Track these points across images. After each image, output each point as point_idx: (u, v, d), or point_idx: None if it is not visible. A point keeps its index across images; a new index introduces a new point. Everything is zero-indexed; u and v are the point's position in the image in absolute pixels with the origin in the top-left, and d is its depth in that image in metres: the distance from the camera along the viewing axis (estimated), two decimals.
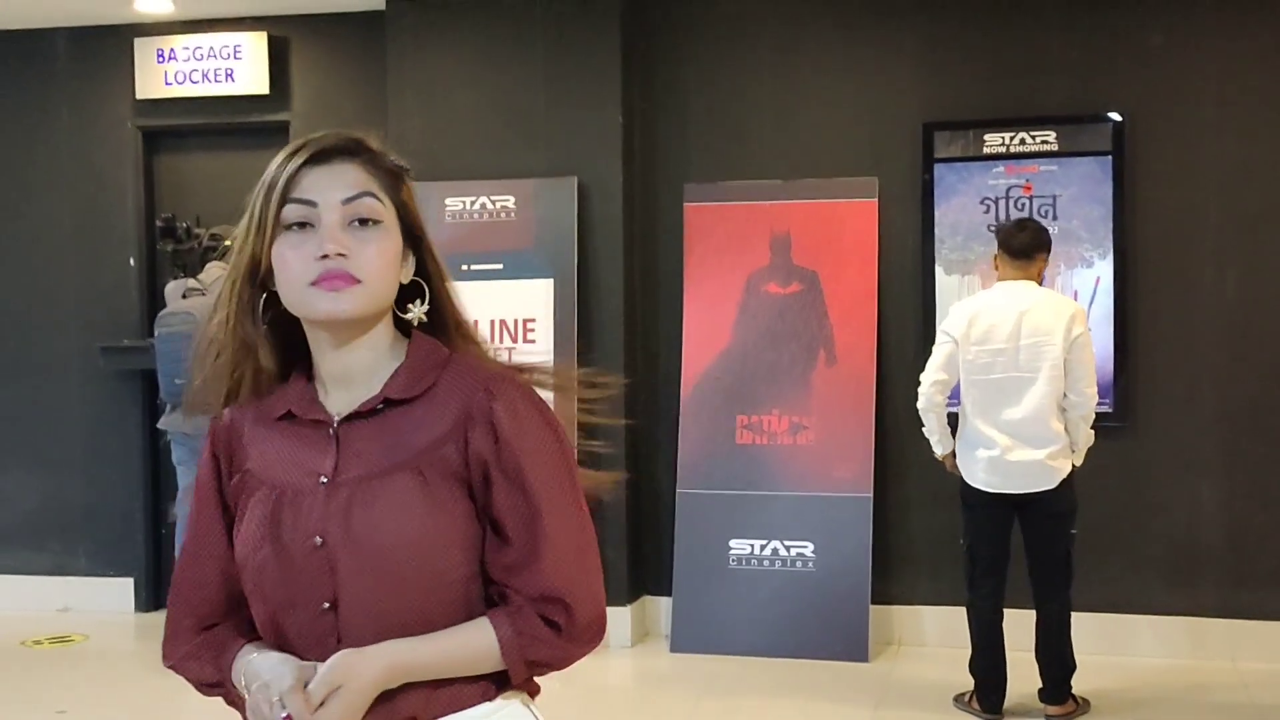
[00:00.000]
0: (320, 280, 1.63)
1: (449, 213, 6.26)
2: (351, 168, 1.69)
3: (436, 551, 1.64)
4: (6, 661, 6.20)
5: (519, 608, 1.66)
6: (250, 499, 1.70)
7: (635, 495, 6.31)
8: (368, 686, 1.60)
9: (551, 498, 1.67)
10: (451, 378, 1.70)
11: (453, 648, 1.64)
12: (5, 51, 7.03)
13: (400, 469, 1.64)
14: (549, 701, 5.12)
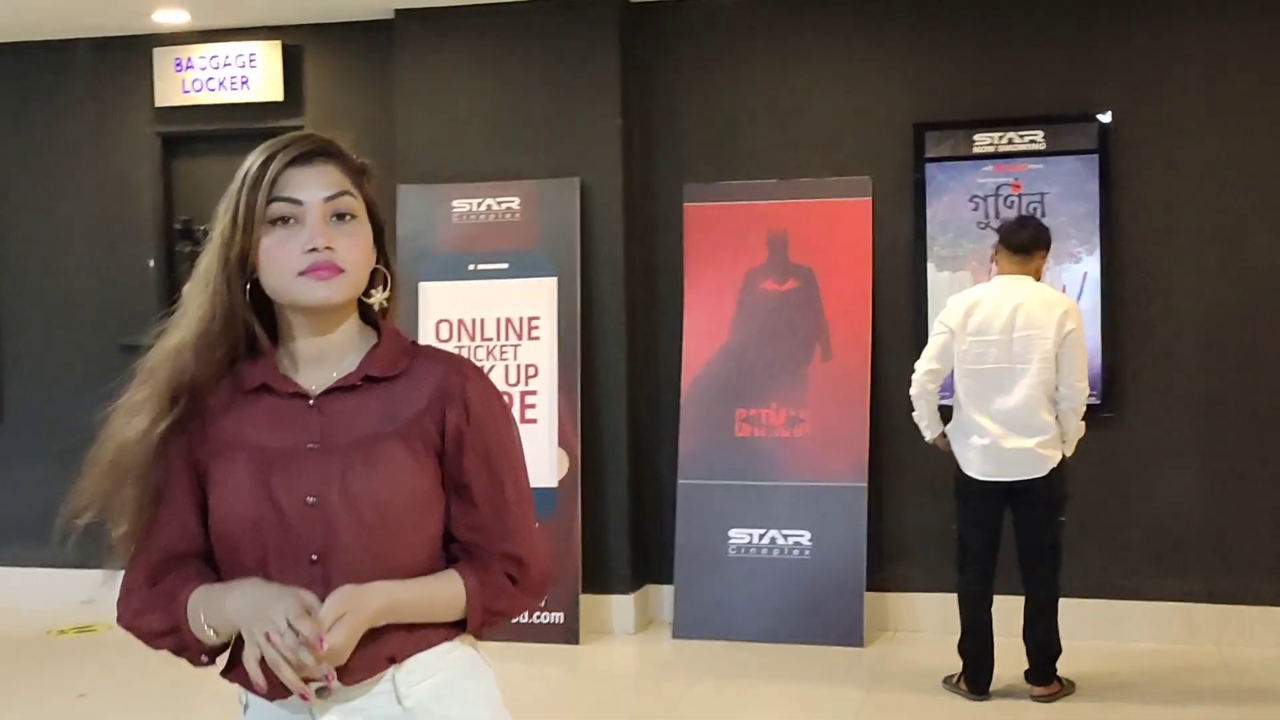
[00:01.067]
0: (309, 270, 1.80)
1: (455, 214, 6.46)
2: (330, 168, 1.86)
3: (423, 510, 1.84)
4: (32, 649, 6.43)
5: (486, 563, 1.87)
6: (228, 461, 1.85)
7: (637, 487, 6.51)
8: (368, 617, 1.78)
9: (511, 470, 1.90)
10: (426, 362, 1.90)
11: (430, 592, 1.84)
12: (31, 62, 7.26)
13: (390, 437, 1.83)
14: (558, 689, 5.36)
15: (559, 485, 6.25)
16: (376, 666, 1.83)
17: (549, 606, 6.20)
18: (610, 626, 6.40)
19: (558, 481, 6.25)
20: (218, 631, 1.83)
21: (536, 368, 6.33)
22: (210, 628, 1.83)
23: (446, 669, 1.88)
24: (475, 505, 1.87)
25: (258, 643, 1.72)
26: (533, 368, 6.33)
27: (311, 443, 1.84)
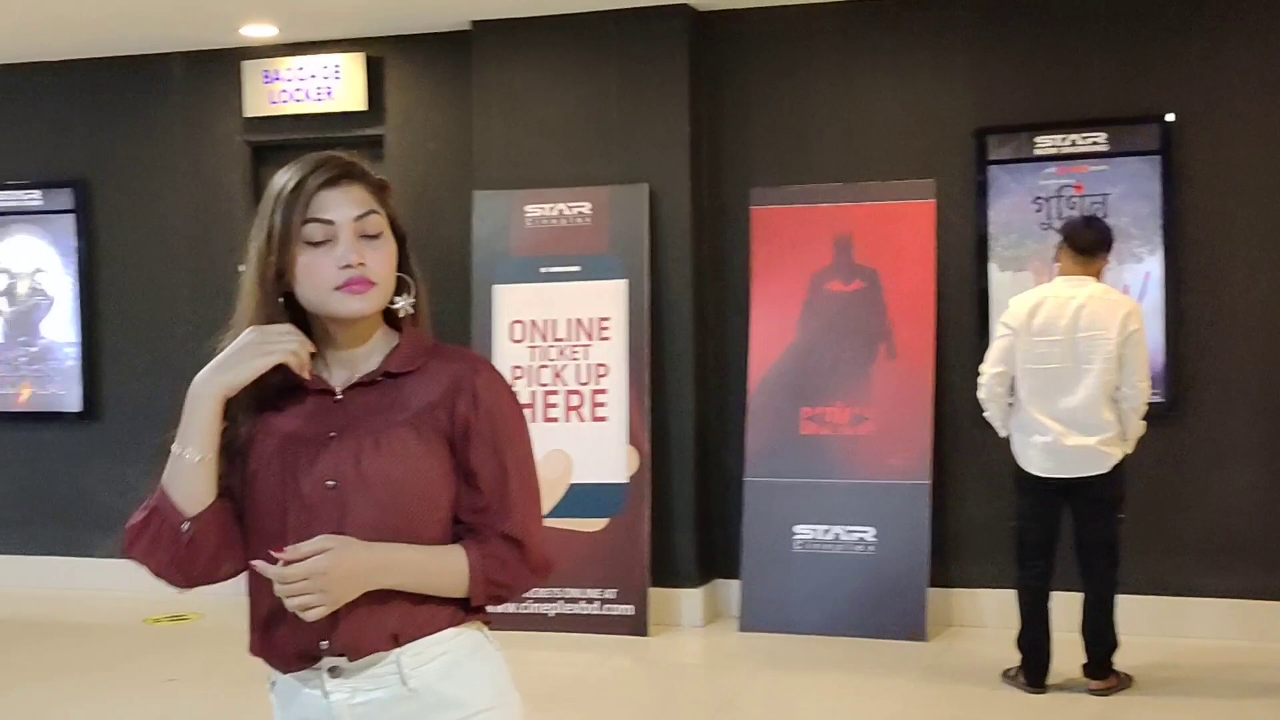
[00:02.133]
0: (345, 286, 1.96)
1: (529, 218, 6.68)
2: (356, 188, 2.00)
3: (429, 491, 1.98)
4: (128, 636, 6.75)
5: (486, 537, 2.00)
6: (260, 448, 2.00)
7: (705, 484, 6.67)
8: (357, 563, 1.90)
9: (516, 459, 2.03)
10: (441, 358, 2.04)
11: (428, 558, 1.97)
12: (128, 75, 7.60)
13: (401, 425, 1.98)
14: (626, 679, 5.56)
15: (629, 481, 6.43)
16: (382, 643, 1.96)
17: (619, 599, 6.39)
18: (678, 619, 6.57)
19: (628, 478, 6.43)
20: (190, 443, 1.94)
21: (607, 367, 6.52)
22: (186, 448, 1.94)
23: (452, 651, 2.00)
24: (480, 490, 2.00)
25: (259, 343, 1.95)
26: (603, 367, 6.52)
27: (332, 432, 1.99)
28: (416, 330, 2.07)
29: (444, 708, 1.98)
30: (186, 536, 1.96)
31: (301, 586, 1.88)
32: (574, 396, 6.55)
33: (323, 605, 1.90)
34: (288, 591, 1.89)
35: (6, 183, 7.81)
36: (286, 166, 2.04)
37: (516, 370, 6.60)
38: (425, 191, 7.14)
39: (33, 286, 7.87)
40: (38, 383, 7.83)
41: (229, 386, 1.96)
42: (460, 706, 1.99)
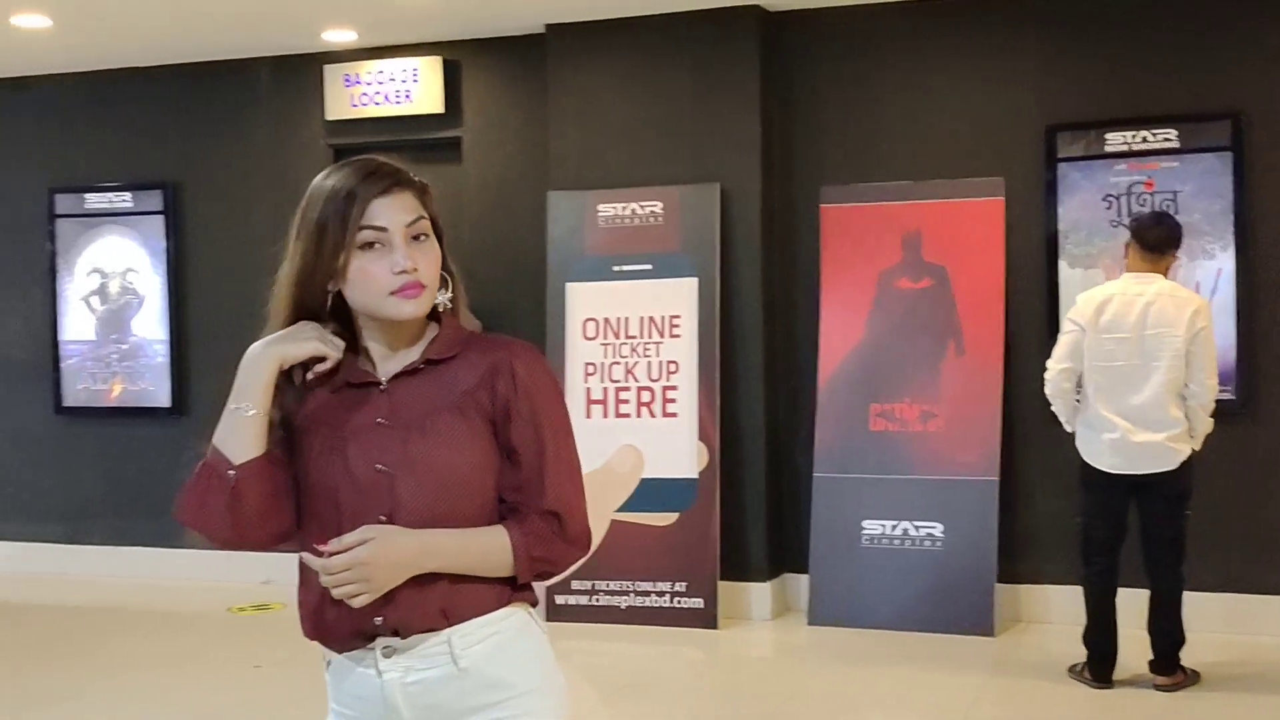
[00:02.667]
0: (400, 290, 2.04)
1: (602, 218, 6.80)
2: (405, 194, 2.07)
3: (474, 471, 2.06)
4: (215, 625, 6.96)
5: (525, 515, 2.08)
6: (312, 438, 2.10)
7: (775, 479, 6.76)
8: (401, 550, 1.99)
9: (554, 436, 2.10)
10: (479, 344, 2.13)
11: (470, 540, 2.05)
12: (215, 80, 7.84)
13: (445, 409, 2.07)
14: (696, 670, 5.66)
15: (699, 476, 6.53)
16: (430, 618, 2.04)
17: (689, 592, 6.49)
18: (748, 613, 6.66)
19: (698, 473, 6.53)
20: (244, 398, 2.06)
21: (677, 364, 6.62)
22: (242, 403, 2.06)
23: (501, 632, 2.07)
24: (520, 467, 2.08)
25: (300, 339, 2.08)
26: (674, 364, 6.63)
27: (380, 419, 2.08)
28: (453, 319, 2.15)
29: (492, 688, 2.06)
30: (233, 481, 2.04)
31: (345, 576, 1.98)
32: (645, 393, 6.66)
33: (367, 592, 1.99)
34: (333, 581, 1.99)
35: (99, 185, 8.08)
36: (329, 171, 2.12)
37: (589, 367, 6.73)
38: (501, 192, 7.29)
39: (124, 286, 8.12)
40: (129, 379, 8.09)
41: (285, 356, 2.07)
42: (508, 687, 2.06)
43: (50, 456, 8.25)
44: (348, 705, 2.13)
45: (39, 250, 8.21)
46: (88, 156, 8.11)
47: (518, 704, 2.07)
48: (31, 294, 8.23)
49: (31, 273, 8.23)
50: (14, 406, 8.30)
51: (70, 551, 8.08)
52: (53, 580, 7.95)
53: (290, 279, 2.11)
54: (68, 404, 8.18)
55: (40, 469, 8.24)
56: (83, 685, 5.88)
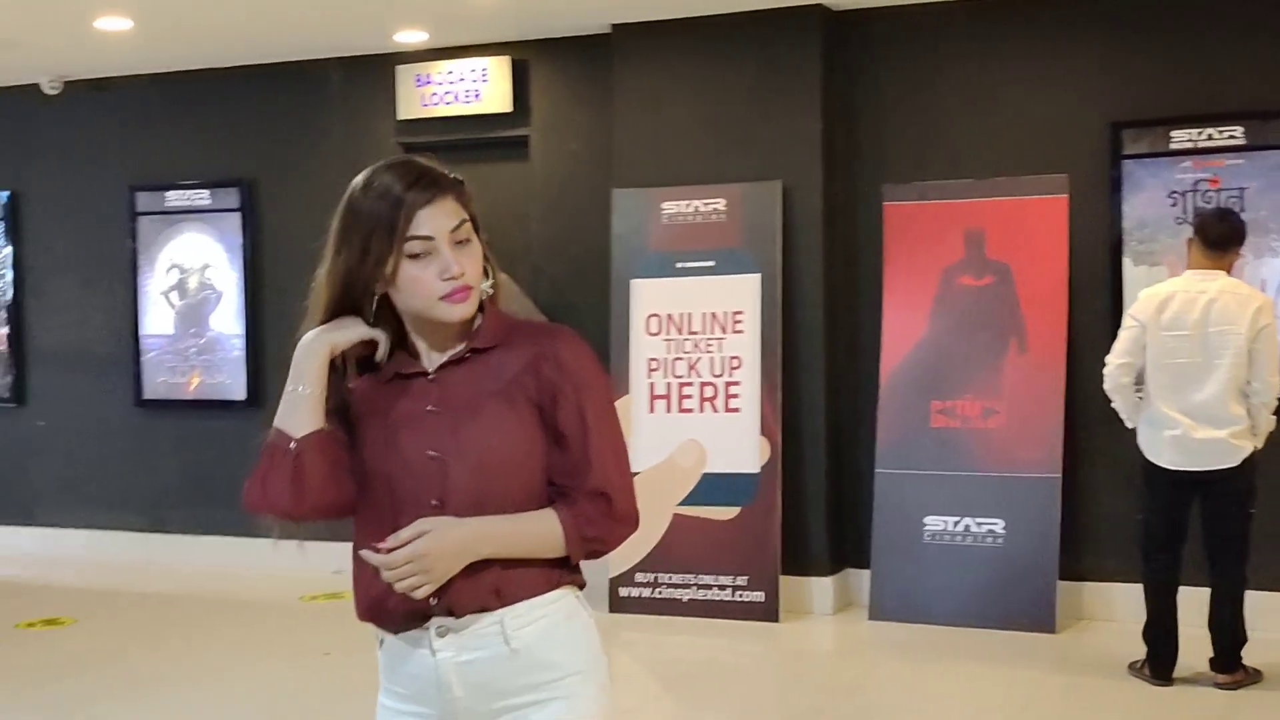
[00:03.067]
0: (449, 295, 2.11)
1: (665, 215, 6.88)
2: (448, 200, 2.13)
3: (522, 455, 2.13)
4: (287, 613, 7.13)
5: (574, 499, 2.14)
6: (367, 429, 2.18)
7: (836, 474, 6.80)
8: (457, 540, 2.06)
9: (599, 419, 2.16)
10: (522, 331, 2.20)
11: (522, 524, 2.12)
12: (288, 80, 8.01)
13: (492, 396, 2.14)
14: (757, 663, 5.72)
15: (760, 471, 6.59)
16: (483, 599, 2.11)
17: (750, 585, 6.55)
18: (809, 607, 6.71)
19: (759, 468, 6.59)
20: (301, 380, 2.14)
21: (740, 359, 6.68)
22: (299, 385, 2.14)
23: (550, 615, 2.14)
24: (568, 450, 2.14)
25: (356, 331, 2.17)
26: (736, 359, 6.69)
27: (430, 406, 2.16)
28: (496, 308, 2.21)
29: (541, 668, 2.13)
30: (295, 453, 2.12)
31: (407, 569, 2.05)
32: (708, 388, 6.73)
33: (428, 584, 2.06)
34: (394, 576, 2.06)
35: (178, 183, 8.28)
36: (369, 176, 2.16)
37: (653, 363, 6.81)
38: (567, 190, 7.40)
39: (202, 281, 8.33)
40: (206, 372, 8.29)
41: (335, 343, 2.16)
42: (556, 668, 2.13)
43: (131, 447, 8.48)
44: (401, 684, 2.20)
45: (121, 247, 8.44)
46: (167, 155, 8.32)
47: (565, 684, 2.13)
48: (114, 290, 8.46)
49: (114, 269, 8.46)
50: (97, 399, 8.54)
51: (149, 540, 8.31)
52: (133, 568, 8.17)
53: (334, 281, 2.17)
54: (148, 396, 8.41)
55: (121, 459, 8.48)
56: (166, 668, 6.07)
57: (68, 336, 8.64)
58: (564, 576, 2.18)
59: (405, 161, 2.19)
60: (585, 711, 2.15)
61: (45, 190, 8.65)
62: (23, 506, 8.69)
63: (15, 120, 8.65)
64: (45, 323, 8.67)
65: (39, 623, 6.90)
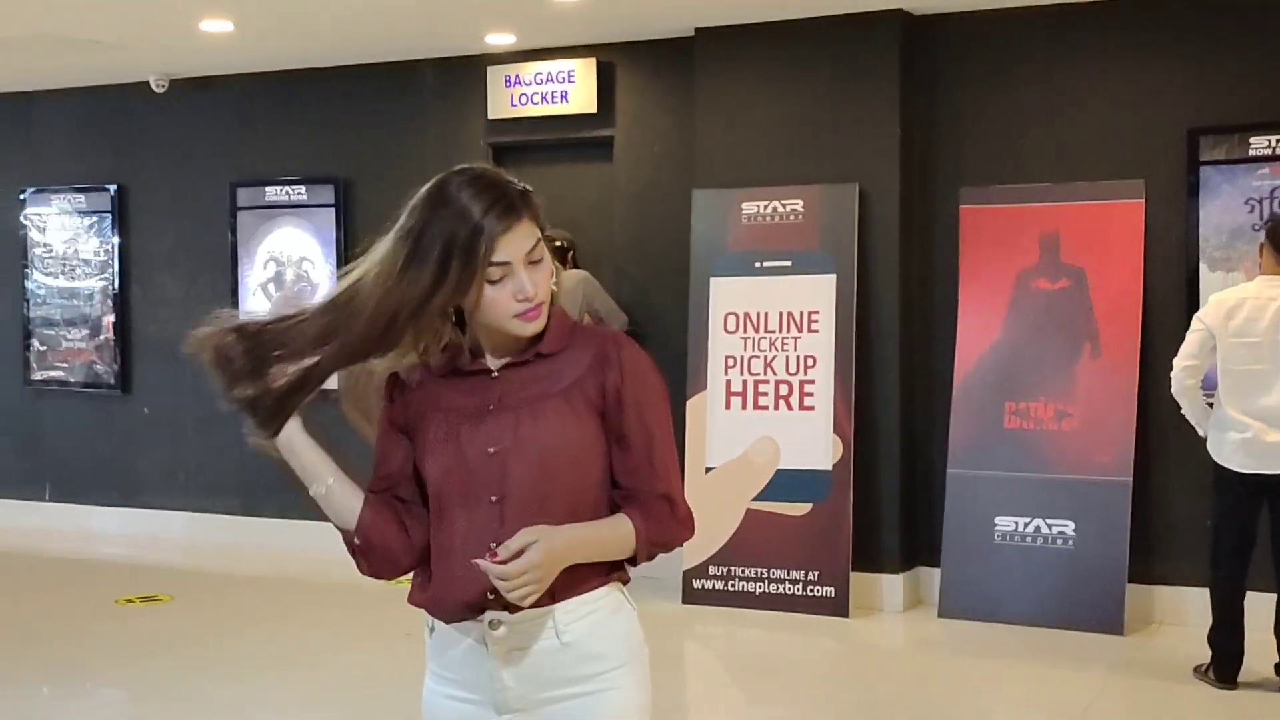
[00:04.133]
0: (523, 315, 2.17)
1: (745, 215, 7.01)
2: (524, 223, 2.16)
3: (579, 455, 2.20)
4: (373, 595, 7.34)
5: (644, 502, 2.22)
6: (428, 424, 2.24)
7: (908, 473, 6.90)
8: (558, 548, 2.11)
9: (660, 424, 2.25)
10: (584, 336, 2.27)
11: (606, 531, 2.20)
12: (382, 80, 8.26)
13: (552, 397, 2.20)
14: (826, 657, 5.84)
15: (833, 469, 6.71)
16: (541, 600, 2.15)
17: (821, 581, 6.67)
18: (879, 603, 6.81)
19: (832, 465, 6.71)
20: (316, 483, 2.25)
21: (815, 358, 6.80)
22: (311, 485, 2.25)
23: (599, 610, 2.22)
24: (631, 452, 2.21)
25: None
26: (811, 358, 6.81)
27: (491, 405, 2.22)
28: (560, 311, 2.27)
29: (589, 660, 2.21)
30: (358, 545, 2.26)
31: (525, 579, 2.08)
32: (783, 386, 6.86)
33: (538, 592, 2.11)
34: (510, 586, 2.09)
35: (276, 179, 8.58)
36: (441, 190, 2.17)
37: (730, 360, 6.96)
38: (649, 190, 7.56)
39: (298, 274, 8.62)
40: None
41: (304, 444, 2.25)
42: (603, 660, 2.22)
43: (227, 434, 8.72)
44: (451, 670, 2.27)
45: (222, 240, 8.75)
46: (267, 152, 8.61)
47: (611, 676, 2.22)
48: (214, 282, 8.78)
49: (215, 261, 8.78)
50: (197, 387, 8.80)
51: (243, 523, 8.61)
52: (227, 549, 8.48)
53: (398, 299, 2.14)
54: None
55: (220, 445, 8.78)
56: (261, 646, 6.34)
57: (171, 327, 8.95)
58: (612, 573, 2.26)
59: (480, 178, 2.20)
60: (631, 700, 2.24)
61: (151, 184, 9.00)
62: (126, 489, 9.06)
63: (125, 117, 9.01)
64: (149, 313, 9.02)
65: (139, 599, 7.22)
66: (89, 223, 9.16)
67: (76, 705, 5.71)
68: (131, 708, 5.70)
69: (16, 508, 9.28)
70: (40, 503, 9.28)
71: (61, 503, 9.19)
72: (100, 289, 9.14)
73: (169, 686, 5.74)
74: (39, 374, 9.30)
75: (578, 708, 2.21)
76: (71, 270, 9.24)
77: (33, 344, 9.31)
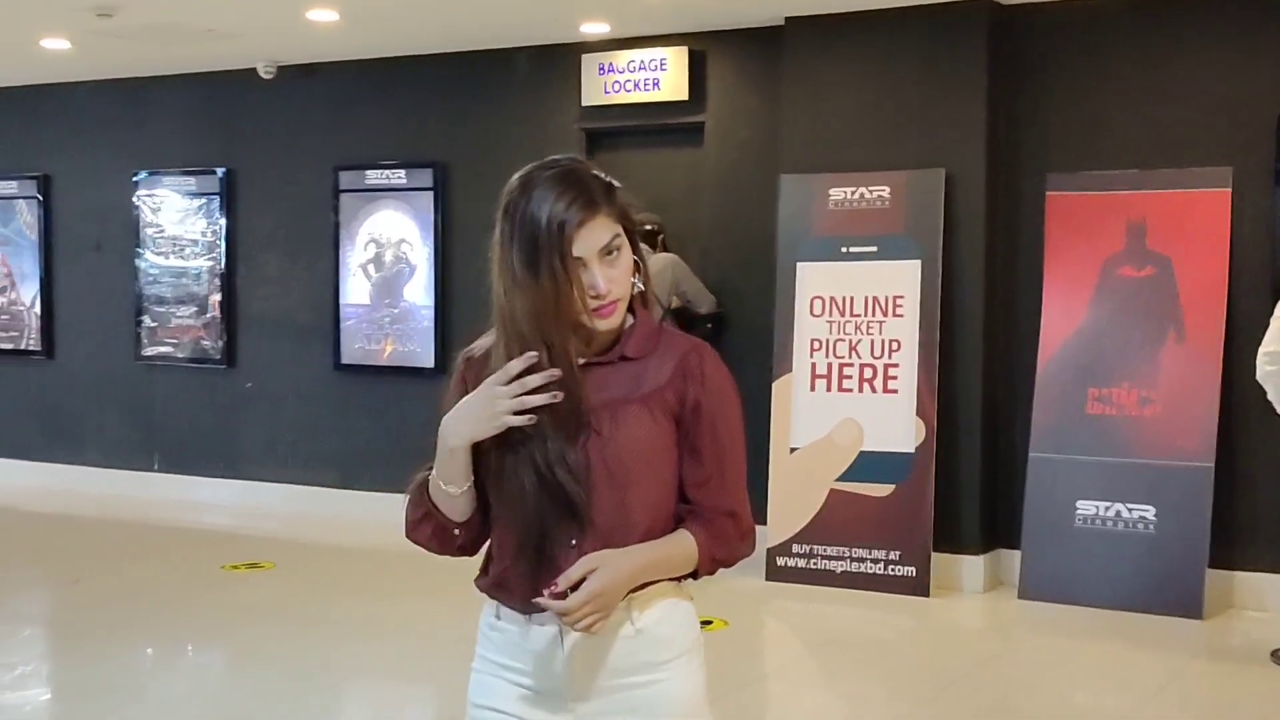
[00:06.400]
0: (597, 311, 2.17)
1: (832, 201, 7.14)
2: (601, 217, 2.16)
3: (656, 461, 2.21)
4: (467, 568, 7.60)
5: (709, 518, 2.23)
6: None
7: (990, 456, 6.99)
8: (619, 573, 2.13)
9: (733, 438, 2.27)
10: (668, 342, 2.26)
11: (668, 552, 2.22)
12: (477, 68, 8.48)
13: (634, 401, 2.20)
14: (905, 636, 6.00)
15: (915, 451, 6.82)
16: None
17: (902, 560, 6.79)
18: (959, 584, 6.92)
19: (914, 447, 6.82)
20: (451, 482, 2.21)
21: (899, 342, 6.92)
22: (450, 484, 2.21)
23: (666, 597, 2.25)
24: (703, 465, 2.23)
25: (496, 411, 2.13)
26: (895, 342, 6.92)
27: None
28: (647, 315, 2.28)
29: (658, 646, 2.24)
30: (458, 540, 2.29)
31: (587, 609, 2.10)
32: (867, 369, 6.98)
33: (603, 619, 2.13)
34: (574, 619, 2.10)
35: (377, 163, 8.84)
36: (530, 180, 2.19)
37: (815, 343, 7.09)
38: (737, 175, 7.71)
39: (397, 255, 8.88)
40: (399, 340, 8.85)
41: (472, 439, 2.19)
42: (671, 646, 2.25)
43: (327, 409, 9.10)
44: (514, 658, 2.26)
45: (324, 222, 9.04)
46: (367, 137, 8.88)
47: (677, 664, 2.25)
48: (317, 263, 9.08)
49: (317, 242, 9.07)
50: (299, 363, 9.17)
51: (342, 496, 8.90)
52: (325, 521, 8.77)
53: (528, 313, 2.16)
54: (345, 361, 9.00)
55: (319, 420, 9.11)
56: (360, 614, 6.61)
57: (274, 305, 9.30)
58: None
59: (562, 172, 2.20)
60: (692, 687, 2.28)
61: (257, 168, 9.32)
62: (229, 460, 9.40)
63: (233, 102, 9.33)
64: (254, 291, 9.35)
65: (243, 566, 7.53)
66: (198, 204, 9.50)
67: (181, 665, 6.01)
68: (232, 668, 5.98)
69: (127, 478, 9.67)
70: (149, 473, 9.66)
71: (169, 473, 9.57)
72: (208, 268, 9.49)
73: (269, 649, 6.00)
74: (149, 349, 9.68)
75: (643, 697, 2.23)
76: (181, 250, 9.59)
77: (144, 321, 9.69)
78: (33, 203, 10.12)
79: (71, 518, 9.14)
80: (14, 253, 10.25)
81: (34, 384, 10.19)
